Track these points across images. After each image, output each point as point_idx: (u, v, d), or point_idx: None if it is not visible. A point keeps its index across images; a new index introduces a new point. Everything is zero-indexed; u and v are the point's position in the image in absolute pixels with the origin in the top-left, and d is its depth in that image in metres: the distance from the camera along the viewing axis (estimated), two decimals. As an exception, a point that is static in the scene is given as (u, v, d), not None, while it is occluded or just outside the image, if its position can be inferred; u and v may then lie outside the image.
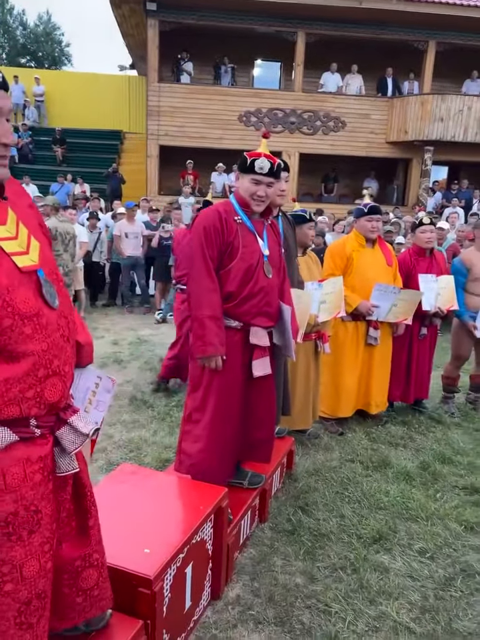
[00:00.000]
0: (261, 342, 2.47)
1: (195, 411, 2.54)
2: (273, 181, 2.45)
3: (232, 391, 2.48)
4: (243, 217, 2.47)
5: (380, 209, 3.97)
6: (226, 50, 13.57)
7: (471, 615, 2.30)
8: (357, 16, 12.40)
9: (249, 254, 2.42)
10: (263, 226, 2.52)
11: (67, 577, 1.54)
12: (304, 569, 2.55)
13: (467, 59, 13.44)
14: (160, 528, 2.07)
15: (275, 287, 2.53)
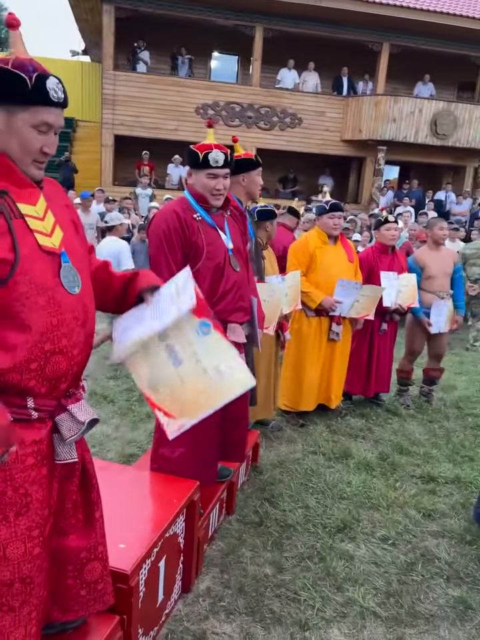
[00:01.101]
0: (238, 338, 2.45)
1: None
2: (228, 172, 2.38)
3: None
4: (201, 214, 2.38)
5: (341, 206, 4.05)
6: (183, 40, 13.41)
7: (432, 597, 2.41)
8: (316, 14, 12.53)
9: (215, 251, 2.36)
10: (223, 219, 2.46)
11: (71, 568, 1.54)
12: (272, 559, 2.59)
13: (419, 62, 13.85)
14: (134, 523, 2.05)
15: (245, 280, 2.51)
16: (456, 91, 15.59)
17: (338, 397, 4.27)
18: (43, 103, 1.31)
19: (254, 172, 2.89)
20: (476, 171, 14.23)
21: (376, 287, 4.11)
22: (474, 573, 2.57)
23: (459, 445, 3.99)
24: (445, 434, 4.19)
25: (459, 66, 14.07)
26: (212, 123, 2.50)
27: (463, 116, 13.30)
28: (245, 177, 2.85)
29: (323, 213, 3.97)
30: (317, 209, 4.11)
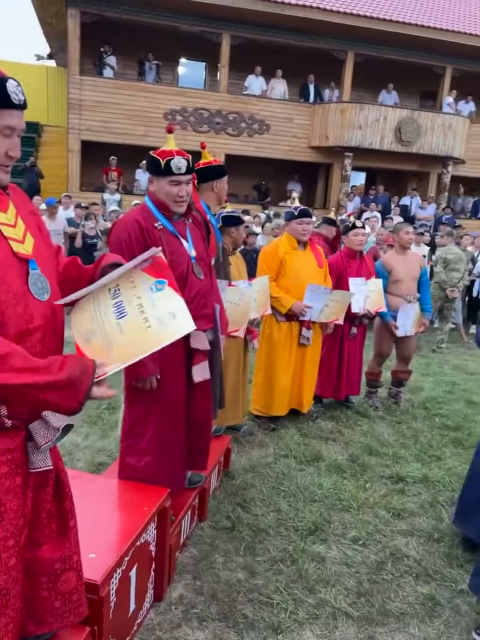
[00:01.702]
0: (202, 345, 2.43)
1: (137, 424, 2.42)
2: (191, 178, 2.36)
3: (175, 399, 2.42)
4: (163, 222, 2.35)
5: (310, 212, 4.10)
6: (150, 46, 13.39)
7: (402, 596, 2.45)
8: (280, 22, 12.68)
9: (177, 260, 2.32)
10: (184, 227, 2.43)
11: (45, 579, 1.52)
12: (245, 564, 2.59)
13: (383, 71, 14.15)
14: (104, 532, 2.03)
15: (208, 287, 2.50)
16: (419, 100, 15.99)
17: (309, 401, 4.31)
18: (5, 106, 1.32)
19: (224, 178, 2.92)
20: (439, 177, 14.60)
21: (345, 292, 4.17)
22: (442, 570, 2.63)
23: (426, 444, 4.08)
24: (412, 434, 4.28)
25: (421, 75, 14.44)
26: (172, 128, 2.46)
27: (425, 124, 13.63)
28: (217, 184, 2.88)
29: (291, 219, 4.01)
30: (286, 214, 4.14)
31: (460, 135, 13.96)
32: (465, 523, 2.84)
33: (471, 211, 15.27)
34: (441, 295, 7.18)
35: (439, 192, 14.54)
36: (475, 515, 2.77)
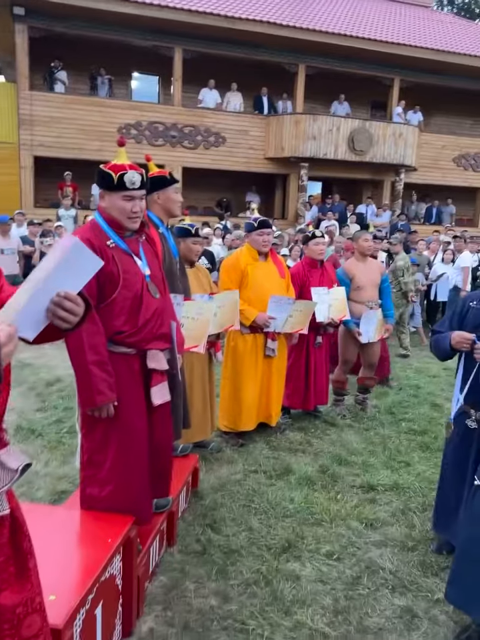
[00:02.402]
0: (159, 366, 2.32)
1: (95, 452, 2.29)
2: (144, 194, 2.27)
3: (135, 423, 2.29)
4: (115, 240, 2.23)
5: (270, 223, 4.08)
6: (102, 61, 13.26)
7: (379, 610, 2.40)
8: (231, 36, 12.79)
9: (132, 279, 2.22)
10: (137, 244, 2.32)
11: (8, 626, 1.40)
12: (217, 589, 2.49)
13: (334, 83, 14.43)
14: (65, 569, 1.90)
15: (165, 306, 2.40)
16: (370, 110, 16.38)
17: (277, 413, 4.26)
18: None
19: (169, 189, 2.84)
20: (393, 185, 14.94)
21: (308, 302, 4.15)
22: (417, 580, 2.59)
23: (394, 450, 4.08)
24: (380, 441, 4.27)
25: (371, 86, 14.80)
26: (124, 141, 2.35)
27: (377, 133, 13.95)
28: (159, 195, 2.82)
29: (251, 230, 3.96)
30: (246, 226, 4.10)
31: (410, 144, 14.35)
32: (444, 529, 2.82)
33: (424, 216, 15.69)
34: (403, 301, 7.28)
35: (393, 199, 14.88)
36: (452, 518, 2.76)
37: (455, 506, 2.74)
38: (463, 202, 16.24)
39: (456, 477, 2.74)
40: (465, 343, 2.55)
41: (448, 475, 2.82)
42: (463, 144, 15.72)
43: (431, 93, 15.34)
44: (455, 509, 2.74)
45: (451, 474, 2.79)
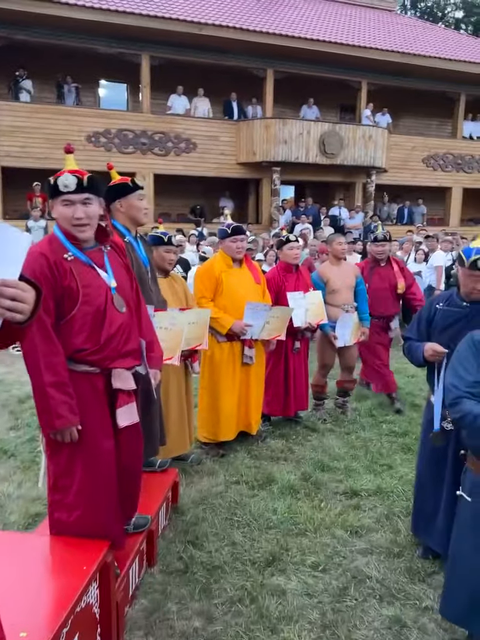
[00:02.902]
0: (125, 385, 2.17)
1: (61, 476, 2.16)
2: (90, 197, 2.08)
3: (101, 446, 2.15)
4: (74, 252, 2.09)
5: (243, 229, 4.02)
6: (68, 69, 13.09)
7: (367, 621, 2.34)
8: (199, 42, 12.76)
9: (93, 293, 2.08)
10: (102, 255, 2.17)
11: None
12: (201, 609, 2.41)
13: (303, 87, 14.52)
14: (37, 602, 1.79)
15: (133, 321, 2.25)
16: (339, 113, 16.54)
17: (257, 421, 4.19)
18: None
19: (132, 196, 2.76)
20: (364, 187, 15.08)
21: (285, 308, 4.10)
22: (405, 587, 2.54)
23: (376, 454, 4.04)
24: (362, 444, 4.23)
25: (340, 89, 14.94)
26: (70, 148, 2.24)
27: (347, 136, 14.07)
28: (122, 203, 2.72)
29: (225, 237, 3.89)
30: (220, 232, 4.00)
31: (380, 146, 14.50)
32: (424, 533, 2.79)
33: (396, 217, 15.87)
34: None
35: (365, 201, 15.01)
36: (431, 523, 2.73)
37: (434, 510, 2.70)
38: (434, 202, 16.48)
39: (434, 479, 2.70)
40: (438, 356, 2.53)
41: (425, 478, 2.78)
42: (432, 144, 15.97)
43: (399, 95, 15.56)
44: (434, 512, 2.70)
45: (428, 477, 2.75)
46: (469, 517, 2.06)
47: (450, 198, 16.44)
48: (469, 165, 16.37)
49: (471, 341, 2.00)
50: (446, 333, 2.66)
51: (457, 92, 15.80)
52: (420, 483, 2.84)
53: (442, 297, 2.79)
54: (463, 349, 2.03)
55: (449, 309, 2.68)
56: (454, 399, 1.96)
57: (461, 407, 1.92)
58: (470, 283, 2.52)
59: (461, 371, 1.99)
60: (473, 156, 16.35)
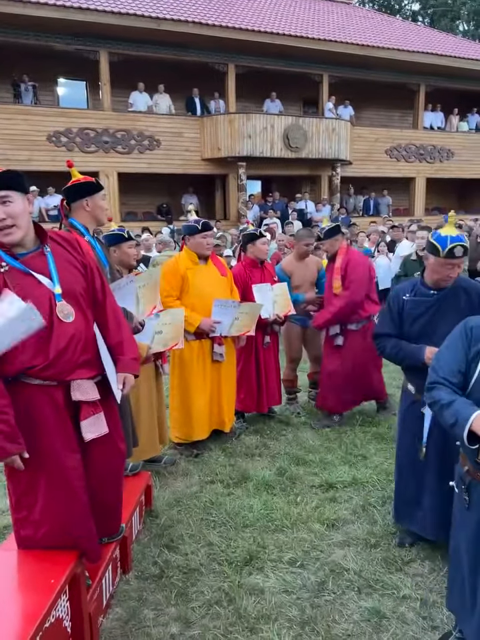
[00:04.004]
0: (87, 396, 2.01)
1: (23, 495, 2.01)
2: (8, 194, 1.86)
3: (63, 462, 2.01)
4: (8, 260, 1.90)
5: (211, 225, 3.96)
6: (24, 67, 12.74)
7: (346, 615, 2.33)
8: (157, 37, 12.59)
9: (35, 303, 1.88)
10: (42, 257, 1.96)
11: None
12: (178, 614, 2.35)
13: (265, 81, 14.48)
14: (2, 620, 1.71)
15: (86, 327, 2.04)
16: (302, 106, 16.57)
17: (231, 419, 4.15)
18: None
19: (97, 196, 2.67)
20: (330, 179, 15.15)
21: (254, 304, 4.05)
22: (382, 578, 2.54)
23: (351, 445, 4.04)
24: (336, 436, 4.23)
25: (301, 83, 14.96)
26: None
27: (311, 129, 14.10)
28: (88, 201, 2.63)
29: (195, 233, 3.80)
30: (188, 229, 3.86)
31: (344, 138, 14.58)
32: (406, 519, 2.79)
33: (362, 208, 16.01)
34: None
35: (331, 193, 15.08)
36: (415, 508, 2.73)
37: (417, 495, 2.71)
38: (398, 192, 16.69)
39: (415, 464, 2.70)
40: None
41: (406, 464, 2.79)
42: (395, 136, 16.14)
43: (360, 88, 15.66)
44: (417, 498, 2.71)
45: (409, 463, 2.76)
46: (457, 509, 2.04)
47: (414, 188, 16.67)
48: (431, 154, 16.62)
49: (464, 327, 1.96)
50: (417, 323, 2.65)
51: (417, 83, 16.00)
52: (401, 470, 2.83)
53: (406, 287, 2.75)
54: (455, 333, 1.99)
55: (417, 298, 2.67)
56: (430, 382, 1.95)
57: (433, 393, 1.91)
58: (444, 270, 2.54)
59: (446, 355, 1.97)
60: (434, 146, 16.60)
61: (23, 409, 1.96)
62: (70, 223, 2.62)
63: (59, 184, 3.02)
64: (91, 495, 2.13)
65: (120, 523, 2.42)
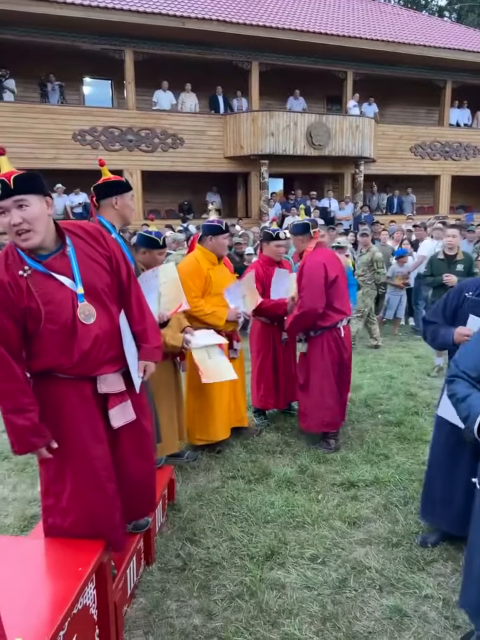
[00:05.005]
0: (113, 389, 2.09)
1: (52, 483, 2.10)
2: (24, 198, 1.83)
3: (90, 452, 2.07)
4: (31, 264, 1.90)
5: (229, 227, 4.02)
6: (51, 67, 12.95)
7: (368, 612, 2.34)
8: (182, 36, 12.67)
9: (57, 310, 1.92)
10: (64, 258, 1.95)
11: None
12: (200, 606, 2.39)
13: (288, 79, 14.46)
14: (32, 606, 1.76)
15: (110, 325, 2.06)
16: (325, 104, 16.49)
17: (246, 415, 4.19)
18: None
19: (126, 195, 2.70)
20: (353, 177, 15.05)
21: (247, 277, 4.03)
22: (404, 577, 2.54)
23: (372, 444, 4.03)
24: (358, 435, 4.22)
25: (325, 80, 14.89)
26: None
27: (334, 127, 14.03)
28: (117, 200, 2.65)
29: (219, 234, 3.78)
30: (211, 228, 3.79)
31: (368, 135, 14.47)
32: (434, 516, 2.77)
33: (386, 206, 15.87)
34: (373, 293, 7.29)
35: (354, 191, 14.99)
36: (443, 506, 2.70)
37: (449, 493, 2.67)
38: (423, 190, 16.50)
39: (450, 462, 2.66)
40: (466, 337, 2.49)
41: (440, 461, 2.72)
42: (419, 133, 15.97)
43: (385, 84, 15.53)
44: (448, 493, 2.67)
45: (443, 460, 2.70)
46: (477, 506, 2.03)
47: (439, 186, 16.46)
48: (457, 152, 16.39)
49: None
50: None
51: (443, 79, 15.79)
52: (434, 466, 2.79)
53: (470, 284, 2.68)
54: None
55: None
56: (450, 375, 1.96)
57: (451, 386, 1.93)
58: None
59: (470, 349, 1.97)
60: (460, 143, 16.37)
61: (51, 400, 2.04)
62: (98, 221, 2.67)
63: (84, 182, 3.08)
64: (125, 482, 2.19)
65: (155, 502, 2.46)
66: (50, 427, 2.03)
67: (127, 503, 2.25)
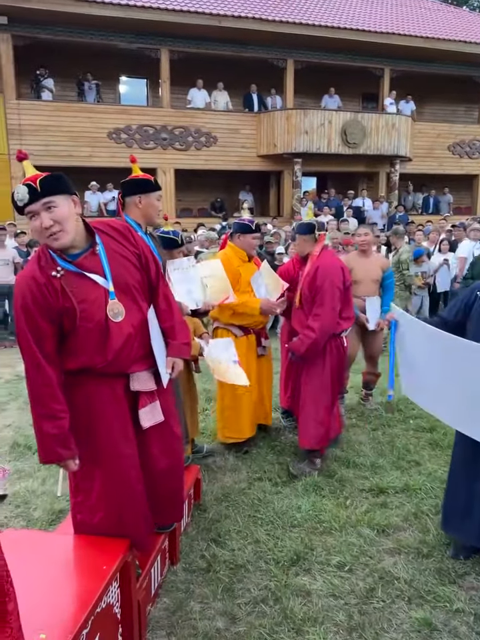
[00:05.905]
0: (145, 387, 2.11)
1: (82, 480, 2.13)
2: (51, 200, 1.84)
3: (120, 450, 2.08)
4: (63, 265, 1.92)
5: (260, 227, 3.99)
6: (88, 66, 13.14)
7: (395, 624, 2.27)
8: (218, 35, 12.67)
9: (90, 308, 1.94)
10: (94, 257, 1.96)
11: None
12: (224, 609, 2.36)
13: (323, 76, 14.29)
14: (57, 602, 1.77)
15: (142, 322, 2.07)
16: (361, 102, 16.24)
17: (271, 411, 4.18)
18: None
19: (152, 195, 2.67)
20: (388, 176, 14.79)
21: (262, 266, 3.93)
22: (434, 589, 2.46)
23: (403, 450, 3.94)
24: (388, 440, 4.13)
25: (361, 78, 14.65)
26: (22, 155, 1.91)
27: (369, 125, 13.81)
28: (142, 199, 2.62)
29: (248, 232, 3.78)
30: (242, 227, 3.81)
31: (404, 134, 14.20)
32: (458, 529, 2.69)
33: (422, 206, 15.53)
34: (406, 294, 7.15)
35: (389, 190, 14.73)
36: (465, 519, 2.62)
37: (467, 504, 2.60)
38: (460, 190, 16.10)
39: (468, 472, 2.60)
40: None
41: (458, 470, 2.68)
42: (458, 131, 15.57)
43: (423, 82, 15.20)
44: (468, 506, 2.60)
45: (462, 469, 2.65)
46: None
47: (477, 186, 16.03)
48: (497, 151, 15.93)
49: None
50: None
51: (484, 76, 15.36)
52: (453, 478, 2.73)
53: None
54: None
55: None
56: None
57: None
58: None
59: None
60: (500, 142, 15.90)
61: (84, 397, 2.05)
62: (124, 218, 2.66)
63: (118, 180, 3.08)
64: (152, 483, 2.19)
65: (182, 509, 2.45)
66: (81, 424, 2.04)
67: (154, 506, 2.24)
